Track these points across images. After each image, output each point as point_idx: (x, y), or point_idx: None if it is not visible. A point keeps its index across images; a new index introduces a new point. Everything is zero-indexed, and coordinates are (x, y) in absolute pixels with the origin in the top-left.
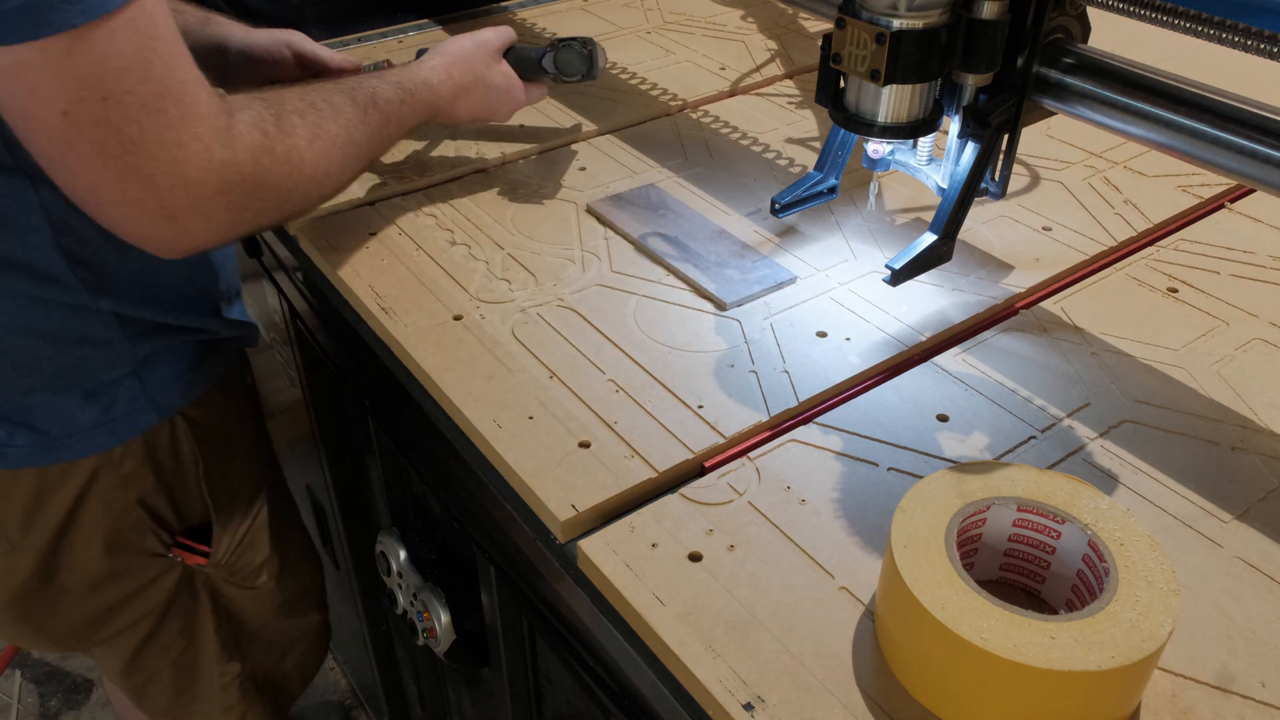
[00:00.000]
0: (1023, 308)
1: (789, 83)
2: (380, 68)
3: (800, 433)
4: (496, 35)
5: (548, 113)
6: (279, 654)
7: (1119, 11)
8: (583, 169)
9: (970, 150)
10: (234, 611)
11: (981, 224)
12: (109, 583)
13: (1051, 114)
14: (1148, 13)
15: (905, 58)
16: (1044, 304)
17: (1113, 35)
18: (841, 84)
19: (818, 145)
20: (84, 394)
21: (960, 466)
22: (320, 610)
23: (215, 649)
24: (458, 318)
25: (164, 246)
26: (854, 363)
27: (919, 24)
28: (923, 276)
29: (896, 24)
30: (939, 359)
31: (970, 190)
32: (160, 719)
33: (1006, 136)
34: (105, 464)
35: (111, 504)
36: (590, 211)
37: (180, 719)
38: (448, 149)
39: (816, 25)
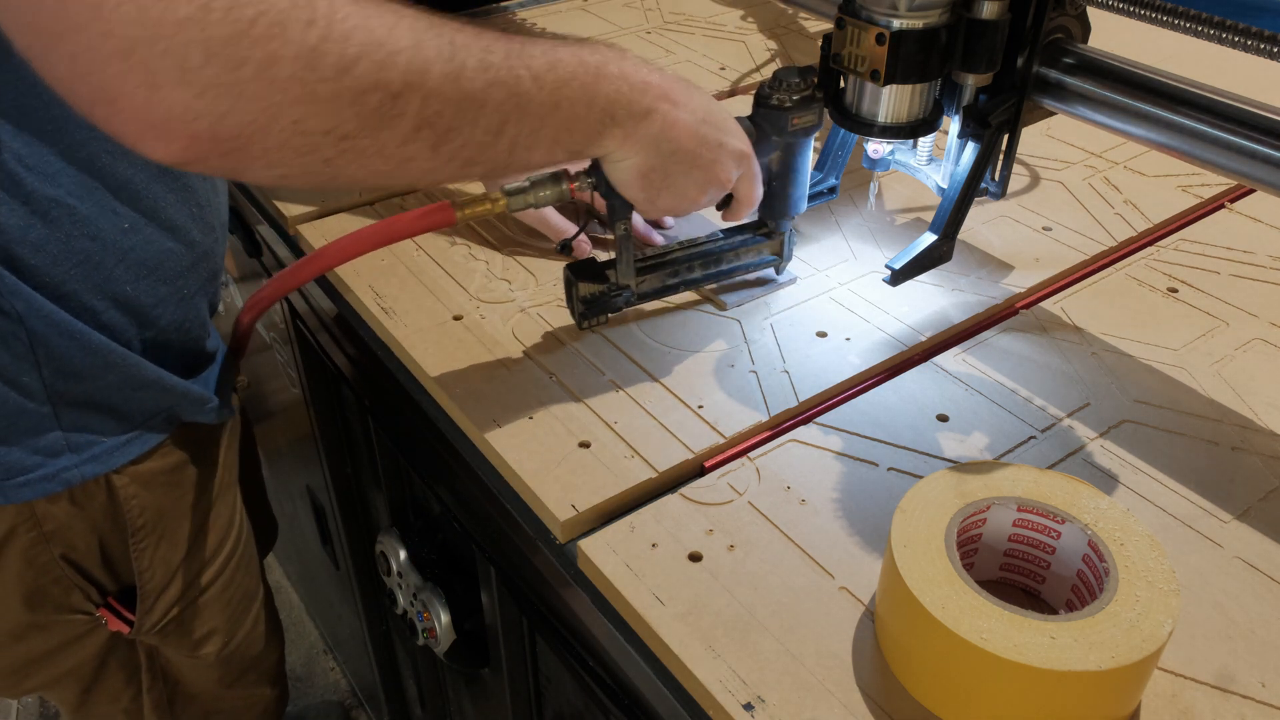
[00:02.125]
0: (1023, 308)
1: None
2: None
3: (800, 433)
4: None
5: None
6: None
7: (1119, 11)
8: None
9: (970, 150)
10: (170, 673)
11: (981, 224)
12: (32, 634)
13: (1051, 114)
14: (1148, 13)
15: (905, 58)
16: (1044, 304)
17: (1113, 35)
18: (841, 84)
19: (818, 145)
20: None
21: (960, 466)
22: (273, 685)
23: (149, 707)
24: (458, 318)
25: (129, 115)
26: (854, 363)
27: (919, 24)
28: (923, 276)
29: (896, 24)
30: (939, 359)
31: (970, 190)
32: None
33: (1006, 136)
34: (24, 518)
35: (33, 559)
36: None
37: None
38: None
39: (816, 25)
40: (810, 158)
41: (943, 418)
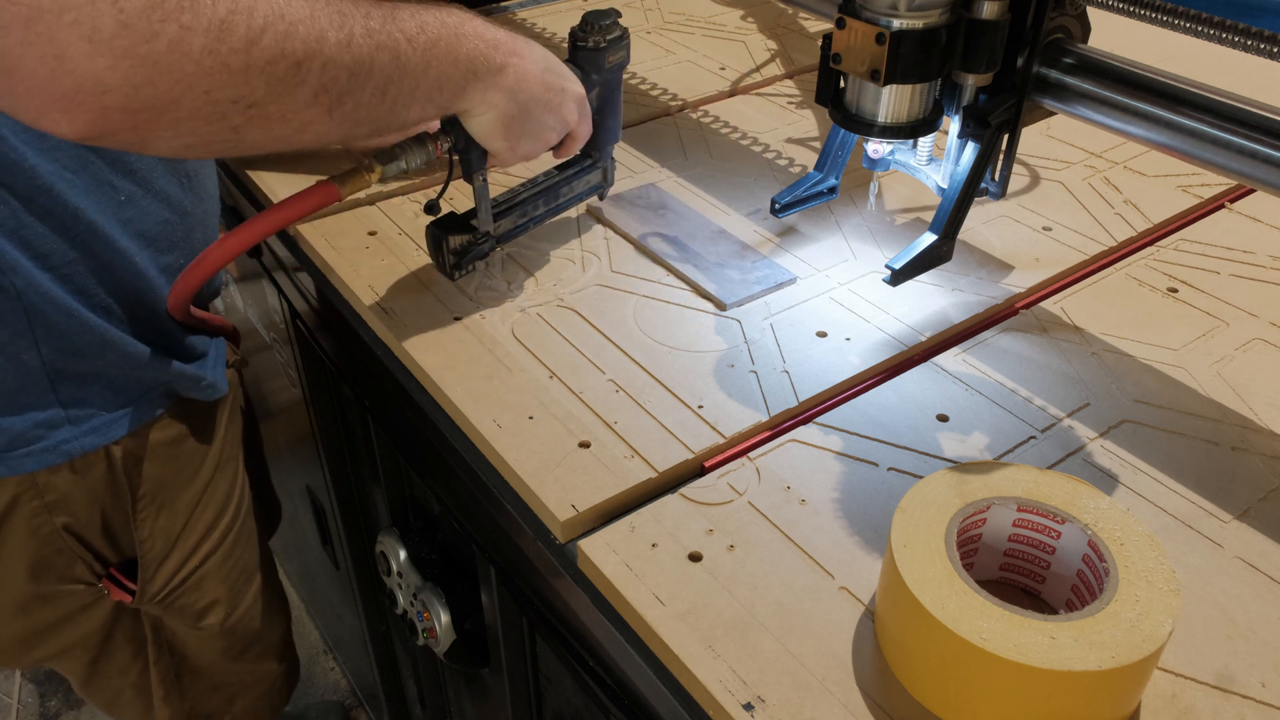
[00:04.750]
0: (1023, 308)
1: (789, 83)
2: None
3: (800, 433)
4: None
5: None
6: (225, 697)
7: (1119, 11)
8: None
9: (970, 150)
10: (176, 646)
11: (981, 224)
12: (37, 606)
13: (1051, 114)
14: (1148, 13)
15: (905, 58)
16: (1044, 304)
17: (1112, 35)
18: (841, 84)
19: (818, 145)
20: None
21: (960, 466)
22: (280, 660)
23: (157, 680)
24: (458, 318)
25: (31, 88)
26: (854, 363)
27: (919, 24)
28: (923, 276)
29: (896, 24)
30: (939, 359)
31: (970, 190)
32: None
33: (1006, 136)
34: (26, 489)
35: (36, 529)
36: (590, 211)
37: None
38: None
39: (816, 25)
40: (621, 89)
41: (943, 418)
